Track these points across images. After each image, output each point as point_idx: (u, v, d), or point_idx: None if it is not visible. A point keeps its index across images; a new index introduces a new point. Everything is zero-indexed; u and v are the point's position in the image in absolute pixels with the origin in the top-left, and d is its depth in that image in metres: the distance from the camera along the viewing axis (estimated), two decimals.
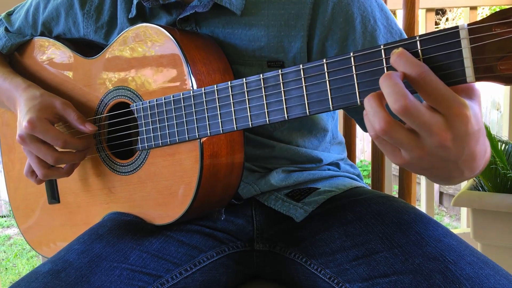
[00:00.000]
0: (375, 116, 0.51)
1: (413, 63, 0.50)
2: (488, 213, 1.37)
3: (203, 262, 0.82)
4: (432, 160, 0.54)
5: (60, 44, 0.94)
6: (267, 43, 0.80)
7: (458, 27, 0.49)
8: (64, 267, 0.71)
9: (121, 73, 0.83)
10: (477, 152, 0.56)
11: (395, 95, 0.49)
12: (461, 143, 0.52)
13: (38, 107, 0.83)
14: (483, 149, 0.58)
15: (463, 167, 0.57)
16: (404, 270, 0.68)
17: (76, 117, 0.84)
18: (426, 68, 0.50)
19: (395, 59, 0.51)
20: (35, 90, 0.88)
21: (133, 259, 0.75)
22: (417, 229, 0.73)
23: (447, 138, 0.51)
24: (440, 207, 4.08)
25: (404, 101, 0.49)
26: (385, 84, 0.50)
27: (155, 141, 0.78)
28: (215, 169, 0.75)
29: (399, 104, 0.49)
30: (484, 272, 0.65)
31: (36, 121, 0.81)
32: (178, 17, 0.82)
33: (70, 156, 0.84)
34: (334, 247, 0.77)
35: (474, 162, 0.57)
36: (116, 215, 0.85)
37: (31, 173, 0.90)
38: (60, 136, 0.82)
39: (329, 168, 0.95)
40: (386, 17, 0.80)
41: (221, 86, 0.68)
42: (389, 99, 0.50)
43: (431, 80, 0.50)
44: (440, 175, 0.61)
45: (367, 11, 0.78)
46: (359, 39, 0.78)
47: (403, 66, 0.50)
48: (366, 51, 0.55)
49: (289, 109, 0.62)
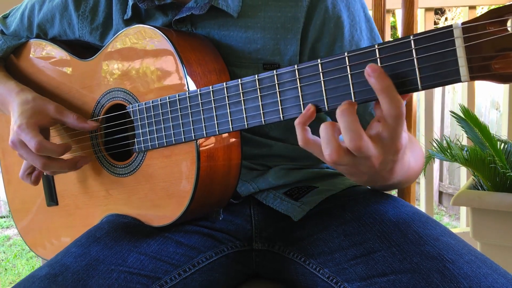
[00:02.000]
0: (327, 145, 0.57)
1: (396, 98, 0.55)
2: (487, 212, 1.36)
3: (202, 262, 0.81)
4: (355, 171, 0.62)
5: (56, 46, 0.94)
6: (263, 45, 0.80)
7: (452, 26, 0.49)
8: (61, 271, 0.71)
9: (117, 75, 0.83)
10: (395, 170, 0.65)
11: (352, 133, 0.55)
12: (386, 165, 0.61)
13: (30, 112, 0.83)
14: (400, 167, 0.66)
15: (378, 180, 0.68)
16: (402, 269, 0.68)
17: (76, 117, 0.84)
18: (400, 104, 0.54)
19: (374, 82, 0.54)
20: (28, 94, 0.88)
21: (131, 262, 0.75)
22: (415, 228, 0.73)
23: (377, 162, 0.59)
24: (439, 207, 4.08)
25: (359, 143, 0.55)
26: (343, 119, 0.55)
27: (152, 142, 0.78)
28: (212, 169, 0.75)
29: (354, 143, 0.55)
30: (482, 271, 0.65)
31: (24, 126, 0.81)
32: (174, 18, 0.82)
33: (58, 163, 0.84)
34: (333, 246, 0.77)
35: (390, 177, 0.66)
36: (114, 217, 0.84)
37: (26, 176, 0.90)
38: (35, 138, 0.81)
39: (327, 167, 0.95)
40: (370, 29, 0.83)
41: (217, 87, 0.68)
42: (345, 136, 0.56)
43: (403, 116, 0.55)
44: (357, 181, 0.74)
45: (355, 20, 0.81)
46: (346, 46, 0.80)
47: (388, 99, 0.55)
48: (361, 51, 0.55)
49: (285, 109, 0.62)
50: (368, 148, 0.56)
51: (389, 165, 0.62)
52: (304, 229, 0.83)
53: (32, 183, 0.91)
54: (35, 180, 0.91)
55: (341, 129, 0.56)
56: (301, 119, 0.59)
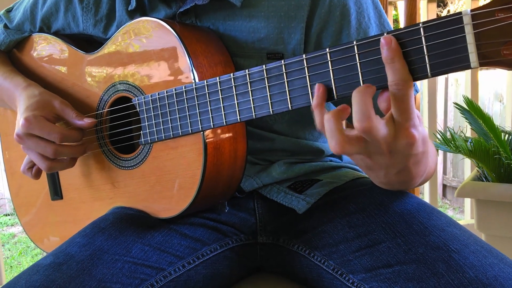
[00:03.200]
0: (332, 137, 0.56)
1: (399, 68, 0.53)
2: (492, 203, 1.36)
3: (206, 255, 0.82)
4: (371, 163, 0.60)
5: (59, 39, 0.94)
6: (267, 34, 0.80)
7: (462, 13, 0.49)
8: (65, 260, 0.71)
9: (122, 68, 0.83)
10: (414, 172, 0.63)
11: (362, 115, 0.54)
12: (399, 158, 0.59)
13: (35, 106, 0.83)
14: (423, 169, 0.65)
15: (395, 179, 0.64)
16: (407, 260, 0.68)
17: (75, 115, 0.84)
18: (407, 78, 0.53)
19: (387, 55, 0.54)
20: (35, 88, 0.88)
21: (135, 252, 0.75)
22: (420, 219, 0.73)
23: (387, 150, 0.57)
24: (443, 200, 4.08)
25: (368, 124, 0.54)
26: (355, 100, 0.54)
27: (158, 135, 0.78)
28: (218, 161, 0.75)
29: (361, 125, 0.54)
30: (488, 261, 0.65)
31: (32, 119, 0.81)
32: (178, 10, 0.82)
33: (69, 149, 0.85)
34: (337, 238, 0.77)
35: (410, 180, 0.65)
36: (120, 210, 0.85)
37: (27, 169, 0.91)
38: (56, 129, 0.82)
39: (331, 160, 0.94)
40: (379, 15, 0.82)
41: (224, 78, 0.68)
42: (354, 117, 0.55)
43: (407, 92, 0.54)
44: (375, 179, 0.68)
45: (362, 7, 0.79)
46: (353, 34, 0.79)
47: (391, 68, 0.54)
48: (369, 39, 0.54)
49: (293, 99, 0.62)
50: (377, 129, 0.54)
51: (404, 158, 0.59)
52: (308, 221, 0.83)
53: (33, 176, 0.91)
54: (36, 173, 0.91)
55: (353, 110, 0.55)
56: (316, 101, 0.59)
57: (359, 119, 0.54)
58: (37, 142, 0.83)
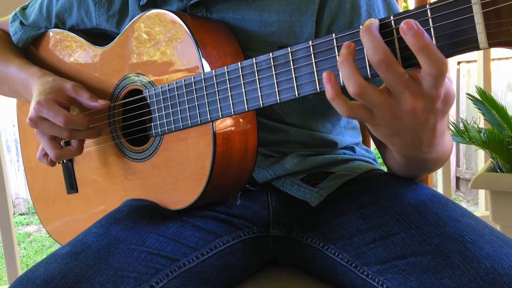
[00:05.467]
0: (349, 79, 0.54)
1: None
2: (507, 194, 1.34)
3: (219, 246, 0.82)
4: (398, 125, 0.57)
5: (74, 35, 0.96)
6: (278, 28, 0.79)
7: None
8: (83, 249, 0.72)
9: (133, 60, 0.84)
10: (439, 130, 0.59)
11: (374, 48, 0.52)
12: (427, 114, 0.55)
13: (48, 90, 0.84)
14: (444, 128, 0.61)
15: (424, 140, 0.60)
16: (422, 251, 0.67)
17: (88, 96, 0.85)
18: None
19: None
20: (49, 76, 0.89)
21: (151, 242, 0.76)
22: (435, 210, 0.72)
23: (418, 106, 0.54)
24: (457, 192, 4.03)
25: (383, 55, 0.52)
26: (366, 39, 0.53)
27: (168, 126, 0.78)
28: (228, 152, 0.76)
29: (378, 57, 0.52)
30: (504, 251, 0.64)
31: (43, 101, 0.82)
32: (189, 3, 0.83)
33: (83, 132, 0.86)
34: (351, 230, 0.77)
35: (435, 138, 0.61)
36: (133, 201, 0.85)
37: (43, 156, 0.91)
38: (61, 112, 0.82)
39: (344, 152, 0.94)
40: (388, 8, 0.81)
41: (232, 67, 0.68)
42: (370, 52, 0.53)
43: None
44: (401, 144, 0.61)
45: (372, 0, 0.78)
46: None
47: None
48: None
49: (300, 86, 0.62)
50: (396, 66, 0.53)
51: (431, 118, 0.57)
52: (322, 214, 0.83)
53: (49, 163, 0.92)
54: (51, 160, 0.91)
55: (365, 48, 0.54)
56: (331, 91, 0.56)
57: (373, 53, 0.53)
58: (51, 125, 0.83)
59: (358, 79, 0.54)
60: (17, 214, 4.43)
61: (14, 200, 4.57)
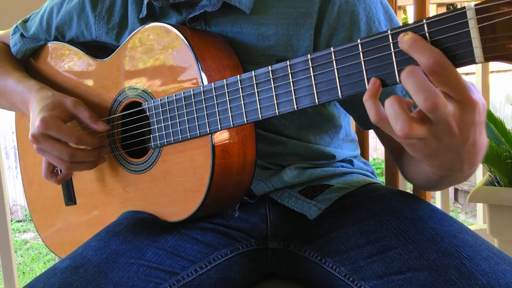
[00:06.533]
0: (397, 119, 0.52)
1: (429, 49, 0.50)
2: (504, 208, 1.34)
3: (218, 259, 0.82)
4: (437, 147, 0.55)
5: (73, 47, 0.96)
6: (276, 41, 0.80)
7: (465, 7, 0.49)
8: (82, 263, 0.72)
9: (133, 73, 0.84)
10: (479, 144, 0.57)
11: (425, 92, 0.49)
12: (466, 130, 0.53)
13: (50, 106, 0.84)
14: (484, 142, 0.59)
15: (464, 159, 0.58)
16: (419, 267, 0.67)
17: (89, 115, 0.85)
18: (441, 54, 0.50)
19: (410, 44, 0.50)
20: (47, 91, 0.89)
21: (150, 256, 0.75)
22: (432, 225, 0.73)
23: (456, 125, 0.52)
24: (455, 204, 4.03)
25: (435, 99, 0.49)
26: (410, 81, 0.50)
27: (167, 138, 0.79)
28: (227, 164, 0.76)
29: (430, 102, 0.49)
30: (500, 268, 0.64)
31: (49, 119, 0.82)
32: (188, 16, 0.83)
33: (84, 153, 0.85)
34: (349, 244, 0.77)
35: (475, 156, 0.59)
36: (132, 214, 0.85)
37: (50, 174, 0.91)
38: (74, 132, 0.82)
39: (342, 165, 0.94)
40: (390, 19, 0.81)
41: (231, 80, 0.69)
42: (418, 97, 0.50)
43: (447, 66, 0.50)
44: (441, 166, 0.60)
45: (372, 12, 0.79)
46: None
47: (421, 53, 0.50)
48: (373, 37, 0.55)
49: (298, 99, 0.62)
50: (445, 104, 0.50)
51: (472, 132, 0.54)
52: (319, 227, 0.83)
53: (57, 182, 0.91)
54: (61, 178, 0.90)
55: (411, 92, 0.51)
56: (369, 93, 0.54)
57: (425, 98, 0.49)
58: (54, 144, 0.83)
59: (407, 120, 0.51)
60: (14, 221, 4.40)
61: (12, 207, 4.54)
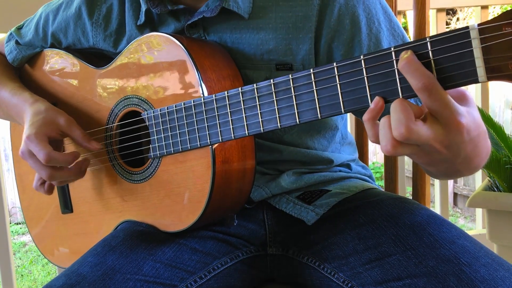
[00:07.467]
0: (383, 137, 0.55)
1: (421, 72, 0.52)
2: (504, 213, 1.35)
3: (218, 268, 0.82)
4: (429, 159, 0.59)
5: (70, 55, 0.95)
6: (275, 46, 0.80)
7: (469, 27, 0.49)
8: (78, 281, 0.71)
9: (132, 82, 0.84)
10: (475, 155, 0.60)
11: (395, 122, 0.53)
12: (457, 149, 0.57)
13: (40, 123, 0.83)
14: (485, 151, 0.63)
15: (460, 167, 0.62)
16: (417, 273, 0.68)
17: (81, 135, 0.84)
18: (433, 79, 0.52)
19: (403, 65, 0.53)
20: (41, 104, 0.88)
21: (147, 270, 0.75)
22: (431, 231, 0.73)
23: (442, 147, 0.55)
24: (454, 209, 4.05)
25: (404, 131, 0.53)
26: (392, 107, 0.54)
27: (167, 149, 0.78)
28: (227, 175, 0.76)
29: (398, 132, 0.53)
30: (499, 274, 0.65)
31: (32, 136, 0.81)
32: (187, 23, 0.83)
33: (64, 173, 0.84)
34: (347, 250, 0.77)
35: (472, 163, 0.63)
36: (129, 225, 0.85)
37: (39, 186, 0.90)
38: (44, 150, 0.80)
39: (340, 170, 0.94)
40: (389, 19, 0.82)
41: (232, 92, 0.69)
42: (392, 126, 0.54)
43: (436, 91, 0.52)
44: (438, 171, 0.66)
45: (371, 13, 0.79)
46: (364, 41, 0.79)
47: (411, 75, 0.52)
48: (377, 53, 0.55)
49: (301, 113, 0.62)
50: (418, 134, 0.53)
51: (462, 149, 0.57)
52: (318, 233, 0.83)
53: (46, 192, 0.91)
54: (48, 189, 0.90)
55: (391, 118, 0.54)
56: (371, 113, 0.56)
57: (394, 127, 0.53)
58: (35, 161, 0.82)
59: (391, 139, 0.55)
60: (13, 224, 4.39)
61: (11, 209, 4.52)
